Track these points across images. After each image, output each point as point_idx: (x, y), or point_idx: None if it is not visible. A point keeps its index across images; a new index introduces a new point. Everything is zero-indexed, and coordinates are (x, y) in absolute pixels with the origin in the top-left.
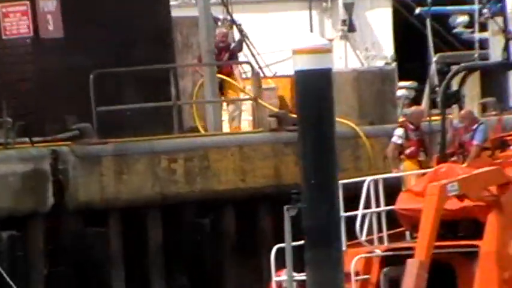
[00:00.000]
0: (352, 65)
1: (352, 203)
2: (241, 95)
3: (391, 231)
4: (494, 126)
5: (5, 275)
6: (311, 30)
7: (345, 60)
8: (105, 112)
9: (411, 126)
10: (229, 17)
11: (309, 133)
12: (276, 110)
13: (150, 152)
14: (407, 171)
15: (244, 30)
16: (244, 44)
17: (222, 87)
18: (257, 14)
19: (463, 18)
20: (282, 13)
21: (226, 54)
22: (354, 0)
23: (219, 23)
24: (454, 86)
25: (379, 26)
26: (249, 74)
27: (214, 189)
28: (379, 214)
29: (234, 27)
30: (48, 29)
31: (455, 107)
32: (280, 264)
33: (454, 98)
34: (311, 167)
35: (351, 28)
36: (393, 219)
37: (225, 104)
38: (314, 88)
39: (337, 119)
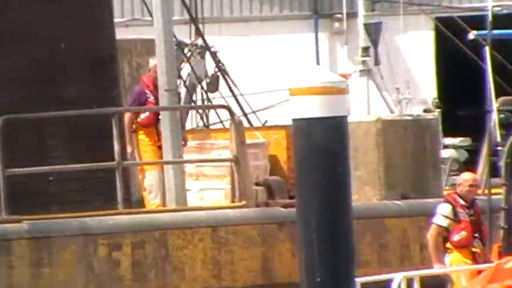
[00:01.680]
0: (377, 112)
1: None
2: (217, 153)
3: None
4: None
5: None
6: (318, 62)
7: (366, 105)
8: (18, 176)
9: (462, 202)
10: (200, 41)
11: (314, 210)
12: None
13: (82, 234)
14: (456, 265)
15: (221, 61)
16: (220, 80)
17: None
18: (240, 38)
19: None
20: (276, 36)
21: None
22: (380, 20)
23: (186, 50)
24: None
25: (417, 56)
26: (227, 124)
27: None
28: None
29: (207, 55)
30: None
31: None
32: None
33: None
34: (315, 258)
35: (376, 60)
36: None
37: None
38: (321, 145)
39: (354, 190)
